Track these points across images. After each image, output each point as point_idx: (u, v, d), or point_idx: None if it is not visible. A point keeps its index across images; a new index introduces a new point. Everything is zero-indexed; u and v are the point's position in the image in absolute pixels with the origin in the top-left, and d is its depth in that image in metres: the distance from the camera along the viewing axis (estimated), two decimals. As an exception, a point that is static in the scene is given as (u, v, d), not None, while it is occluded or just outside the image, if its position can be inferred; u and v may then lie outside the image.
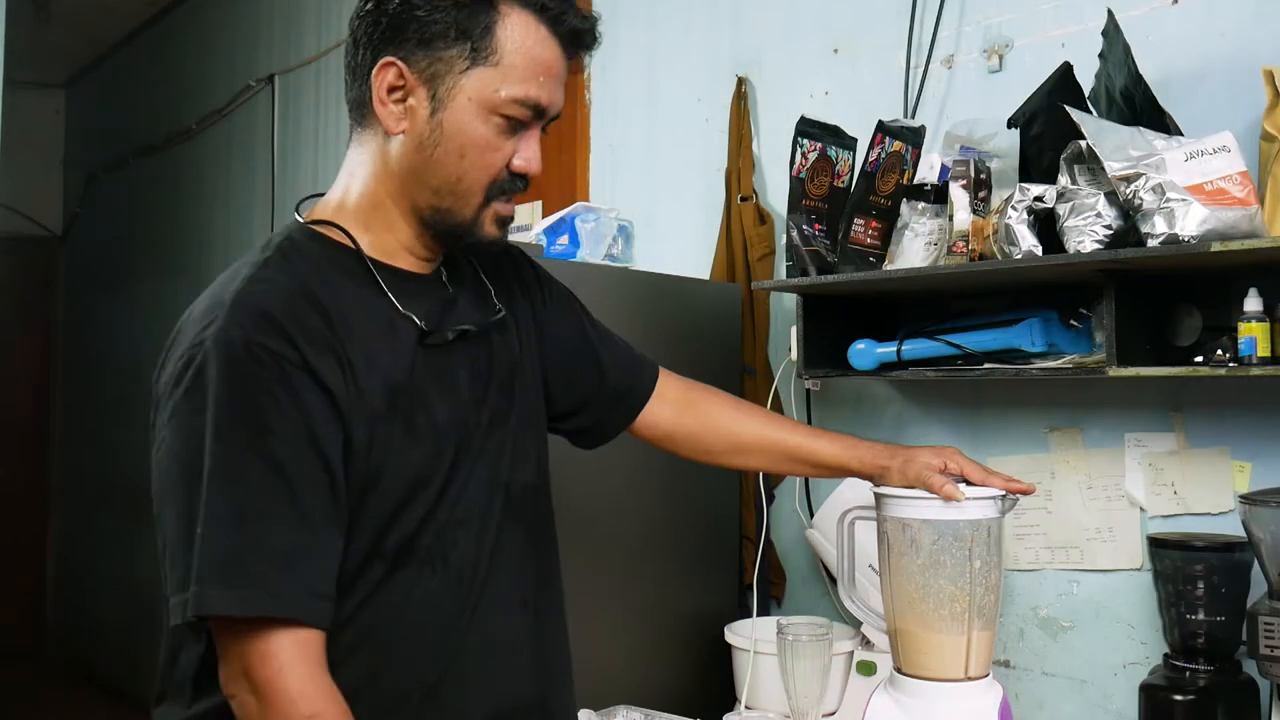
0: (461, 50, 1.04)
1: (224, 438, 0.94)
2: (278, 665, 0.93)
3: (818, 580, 2.11)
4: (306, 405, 0.97)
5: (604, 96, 2.69)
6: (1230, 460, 1.58)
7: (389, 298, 1.08)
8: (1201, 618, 1.45)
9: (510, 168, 1.08)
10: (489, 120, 1.06)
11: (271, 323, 0.98)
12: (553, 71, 1.08)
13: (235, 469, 0.94)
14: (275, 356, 0.96)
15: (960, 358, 1.72)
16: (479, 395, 1.14)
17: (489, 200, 1.09)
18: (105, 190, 5.74)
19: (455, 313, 1.15)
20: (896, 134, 1.75)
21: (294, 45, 4.04)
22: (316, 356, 0.99)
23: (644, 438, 1.42)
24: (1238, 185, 1.35)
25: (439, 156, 1.07)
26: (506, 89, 1.05)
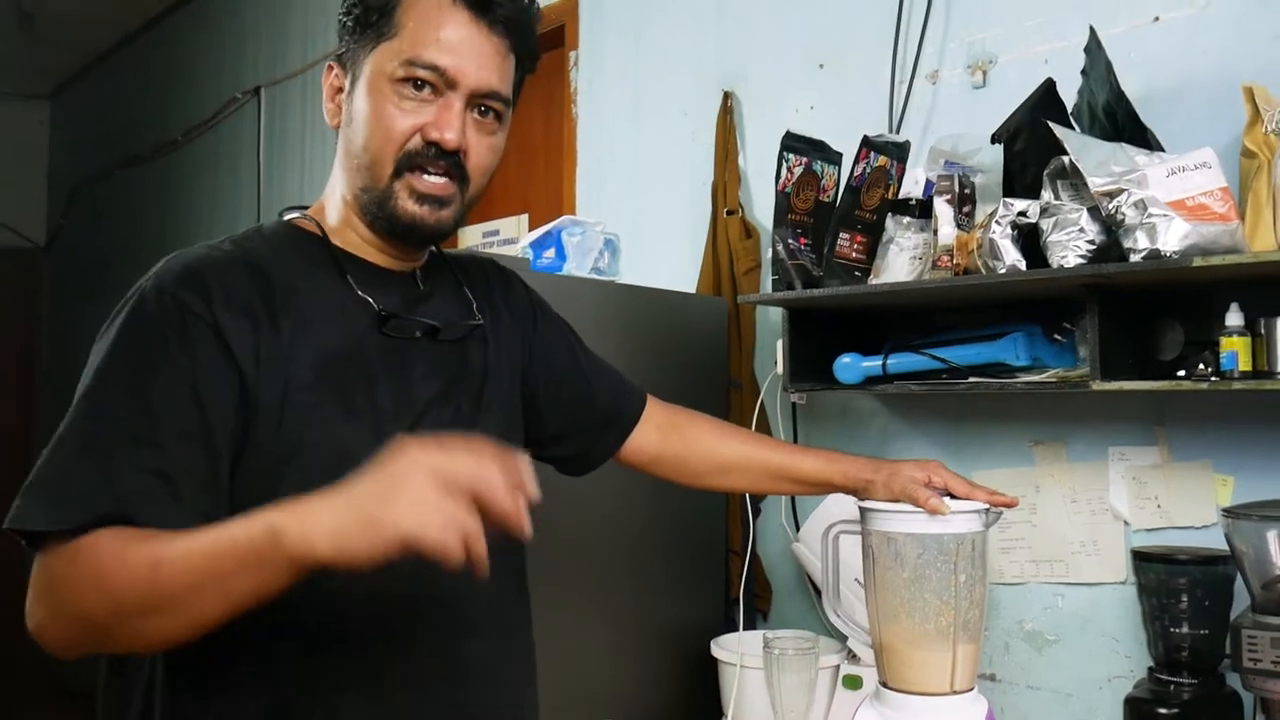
0: (369, 34, 1.08)
1: (104, 372, 0.96)
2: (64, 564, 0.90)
3: (804, 594, 2.11)
4: (198, 357, 0.97)
5: (590, 110, 2.69)
6: (1213, 474, 1.58)
7: (347, 281, 1.09)
8: (1185, 631, 1.45)
9: (423, 136, 1.07)
10: (393, 89, 1.06)
11: (190, 279, 1.00)
12: (456, 38, 1.07)
13: (103, 401, 0.95)
14: (181, 306, 0.98)
15: (945, 372, 1.73)
16: (440, 393, 1.13)
17: (400, 171, 1.08)
18: (90, 202, 5.72)
19: (422, 310, 1.15)
20: (881, 149, 1.76)
21: (280, 57, 4.04)
22: (228, 316, 0.99)
23: (630, 463, 1.42)
24: (1219, 201, 1.36)
25: (353, 134, 1.09)
26: (403, 53, 1.06)
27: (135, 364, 0.96)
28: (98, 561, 0.88)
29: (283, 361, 1.01)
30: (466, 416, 1.15)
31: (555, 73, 2.85)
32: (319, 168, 3.72)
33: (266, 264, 1.05)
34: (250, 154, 4.15)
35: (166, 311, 0.98)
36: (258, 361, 1.00)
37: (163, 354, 0.96)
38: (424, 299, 1.16)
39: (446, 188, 1.09)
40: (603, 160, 2.65)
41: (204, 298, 0.99)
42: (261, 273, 1.04)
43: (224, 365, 0.98)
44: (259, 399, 0.99)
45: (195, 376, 0.96)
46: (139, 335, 0.98)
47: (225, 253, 1.06)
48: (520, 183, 2.95)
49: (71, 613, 0.91)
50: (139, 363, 0.96)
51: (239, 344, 0.99)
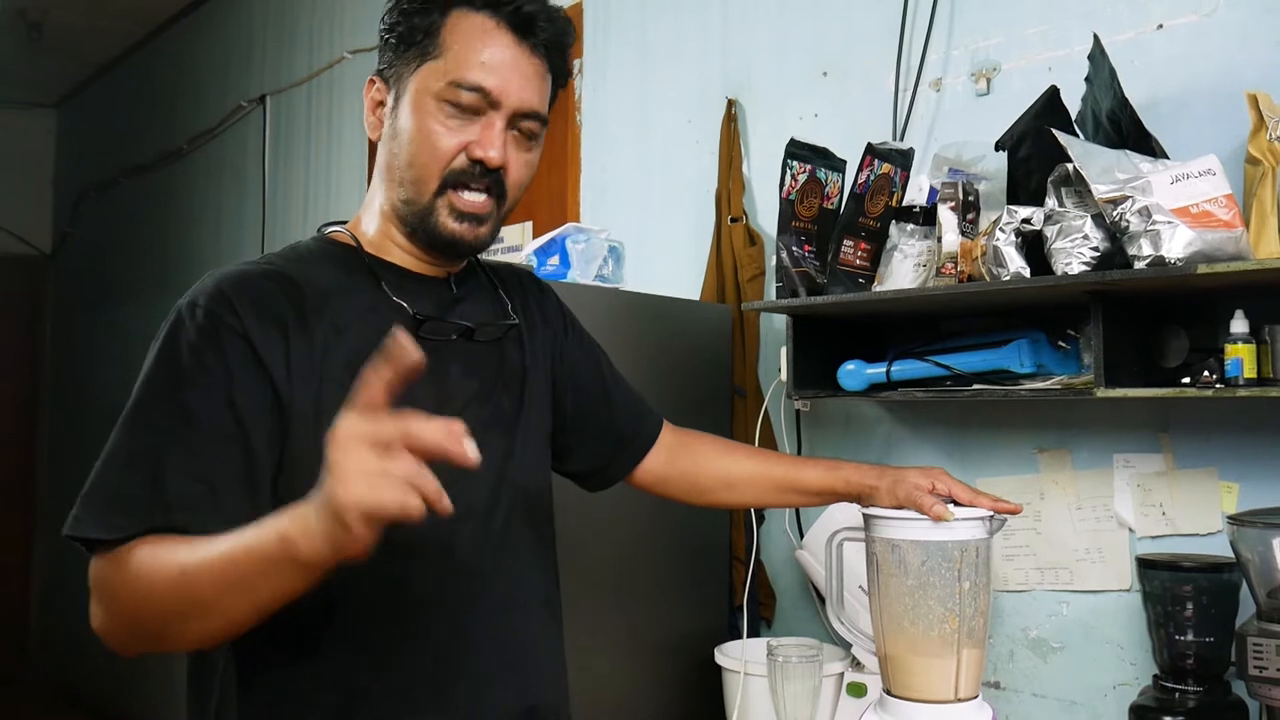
0: (415, 52, 1.11)
1: (146, 387, 1.01)
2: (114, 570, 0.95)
3: (808, 601, 2.11)
4: (233, 369, 1.01)
5: (595, 118, 2.70)
6: (1218, 481, 1.58)
7: (381, 287, 1.12)
8: (1190, 639, 1.45)
9: (468, 154, 1.10)
10: (438, 107, 1.09)
11: (222, 295, 1.04)
12: (499, 58, 1.10)
13: (147, 413, 1.00)
14: (215, 321, 1.02)
15: (949, 379, 1.73)
16: (479, 392, 1.16)
17: (444, 188, 1.11)
18: (96, 210, 5.74)
19: (457, 312, 1.18)
20: (885, 156, 1.76)
21: (286, 66, 4.05)
22: (258, 327, 1.03)
23: (640, 484, 1.45)
24: (1223, 208, 1.36)
25: (398, 149, 1.12)
26: (448, 74, 1.09)
27: (175, 378, 1.01)
28: (140, 569, 0.93)
29: (315, 367, 1.05)
30: (508, 415, 1.18)
31: (560, 81, 2.85)
32: (324, 175, 3.73)
33: (299, 275, 1.09)
34: (256, 162, 4.16)
35: (200, 327, 1.02)
36: (289, 369, 1.03)
37: (199, 366, 1.01)
38: (458, 301, 1.19)
39: (486, 205, 1.13)
40: (607, 167, 2.66)
41: (235, 311, 1.03)
42: (294, 284, 1.08)
43: (256, 373, 1.02)
44: (293, 405, 1.03)
45: (231, 385, 1.01)
46: (177, 350, 1.02)
47: (259, 268, 1.09)
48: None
49: (125, 616, 0.96)
50: (179, 377, 1.01)
51: (268, 353, 1.03)
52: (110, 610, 0.96)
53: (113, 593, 0.95)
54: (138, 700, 4.73)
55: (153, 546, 0.94)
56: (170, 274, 4.83)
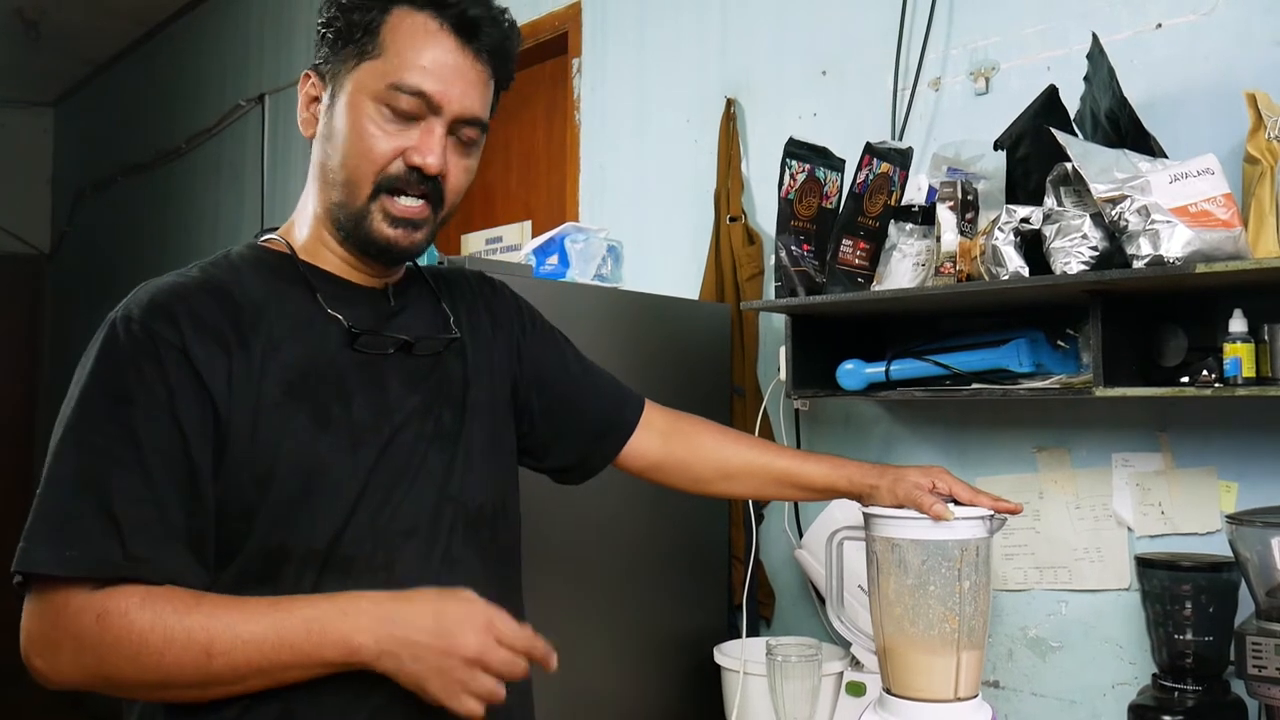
0: (352, 49, 1.08)
1: (84, 405, 0.98)
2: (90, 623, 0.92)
3: (807, 600, 2.11)
4: (173, 385, 0.99)
5: (594, 117, 2.70)
6: (1217, 480, 1.58)
7: (316, 299, 1.10)
8: (1189, 638, 1.45)
9: (405, 160, 1.08)
10: (375, 109, 1.07)
11: (158, 309, 1.02)
12: (441, 63, 1.07)
13: (88, 433, 0.97)
14: (152, 336, 1.00)
15: (948, 378, 1.73)
16: (419, 408, 1.13)
17: (377, 192, 1.08)
18: (93, 209, 5.74)
19: (394, 325, 1.15)
20: (884, 155, 1.76)
21: (284, 64, 4.05)
22: (198, 343, 1.01)
23: (632, 470, 1.41)
24: (1222, 207, 1.36)
25: (332, 149, 1.10)
26: (388, 75, 1.06)
27: (113, 396, 0.98)
28: (135, 633, 0.92)
29: (254, 382, 1.03)
30: (449, 429, 1.15)
31: (558, 80, 2.85)
32: (322, 175, 3.73)
33: (233, 288, 1.07)
34: (254, 161, 4.16)
35: (137, 341, 1.00)
36: (230, 385, 1.01)
37: (138, 383, 0.98)
38: (395, 314, 1.17)
39: (422, 210, 1.10)
40: (606, 167, 2.66)
41: (173, 325, 1.01)
42: (229, 297, 1.06)
43: (195, 390, 1.00)
44: (231, 421, 1.01)
45: (172, 402, 0.99)
46: (113, 367, 0.99)
47: (192, 279, 1.07)
48: (523, 190, 2.95)
49: (100, 673, 0.94)
50: (116, 394, 0.98)
51: (209, 370, 1.01)
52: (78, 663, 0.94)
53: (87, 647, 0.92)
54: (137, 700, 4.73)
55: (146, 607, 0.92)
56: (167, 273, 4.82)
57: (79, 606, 0.93)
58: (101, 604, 0.92)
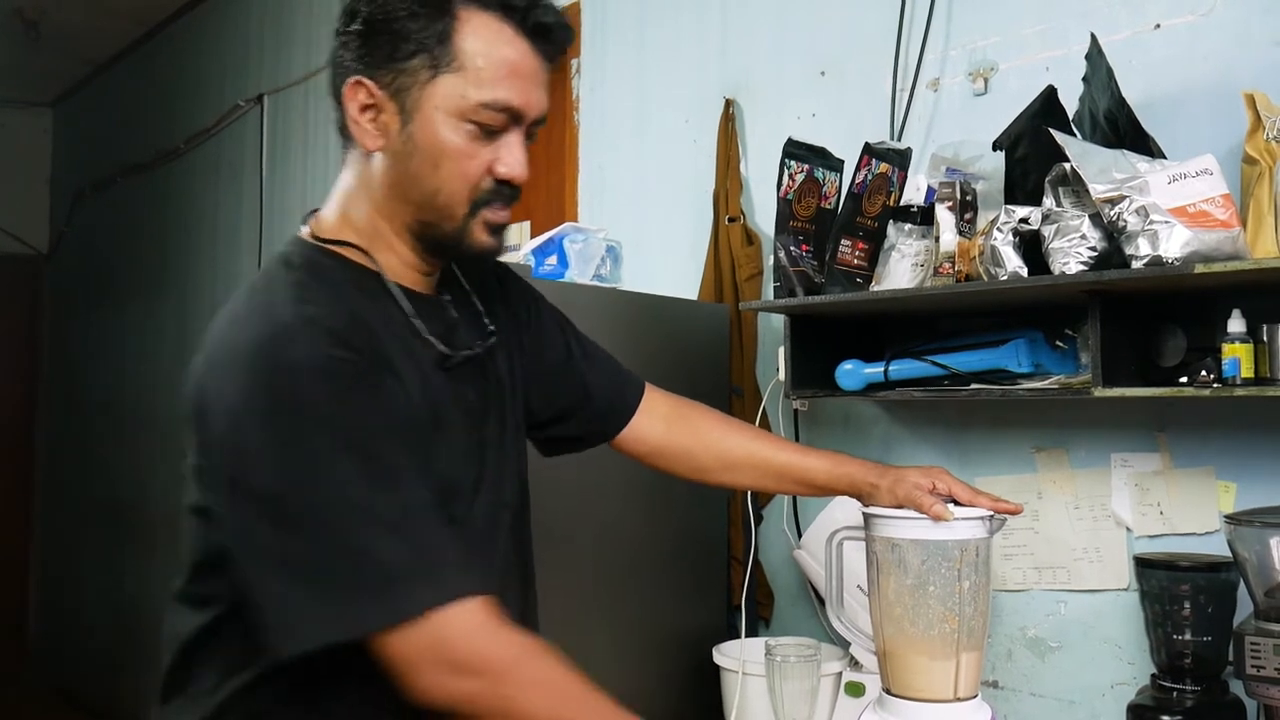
0: (423, 60, 1.03)
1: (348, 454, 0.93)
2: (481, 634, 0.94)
3: (806, 601, 2.11)
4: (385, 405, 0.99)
5: (593, 117, 2.70)
6: (1215, 480, 1.58)
7: (412, 322, 1.08)
8: (1188, 638, 1.45)
9: (493, 174, 1.06)
10: (460, 128, 1.04)
11: (339, 338, 0.98)
12: (522, 71, 1.05)
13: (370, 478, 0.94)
14: (344, 363, 0.96)
15: (947, 378, 1.73)
16: (480, 415, 1.15)
17: (475, 210, 1.07)
18: (92, 209, 5.73)
19: (461, 335, 1.15)
20: (883, 156, 1.76)
21: (283, 65, 4.05)
22: (381, 367, 1.01)
23: (633, 453, 1.41)
24: (1220, 208, 1.36)
25: (414, 170, 1.05)
26: (473, 94, 1.02)
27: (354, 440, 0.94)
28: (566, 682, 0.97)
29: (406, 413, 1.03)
30: (494, 436, 1.17)
31: (557, 80, 2.85)
32: (321, 175, 3.72)
33: (358, 312, 1.03)
34: (253, 161, 4.16)
35: (335, 381, 0.95)
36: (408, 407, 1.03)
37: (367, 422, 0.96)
38: (458, 322, 1.17)
39: (509, 215, 1.11)
40: (605, 167, 2.66)
41: (359, 353, 0.98)
42: (366, 326, 1.03)
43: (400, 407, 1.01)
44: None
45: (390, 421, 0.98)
46: (331, 411, 0.94)
47: (333, 305, 1.01)
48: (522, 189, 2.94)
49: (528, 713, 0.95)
50: (355, 438, 0.94)
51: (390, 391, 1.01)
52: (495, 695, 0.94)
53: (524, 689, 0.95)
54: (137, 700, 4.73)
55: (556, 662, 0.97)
56: (167, 274, 4.82)
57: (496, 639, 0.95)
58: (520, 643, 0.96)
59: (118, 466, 5.17)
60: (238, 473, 0.94)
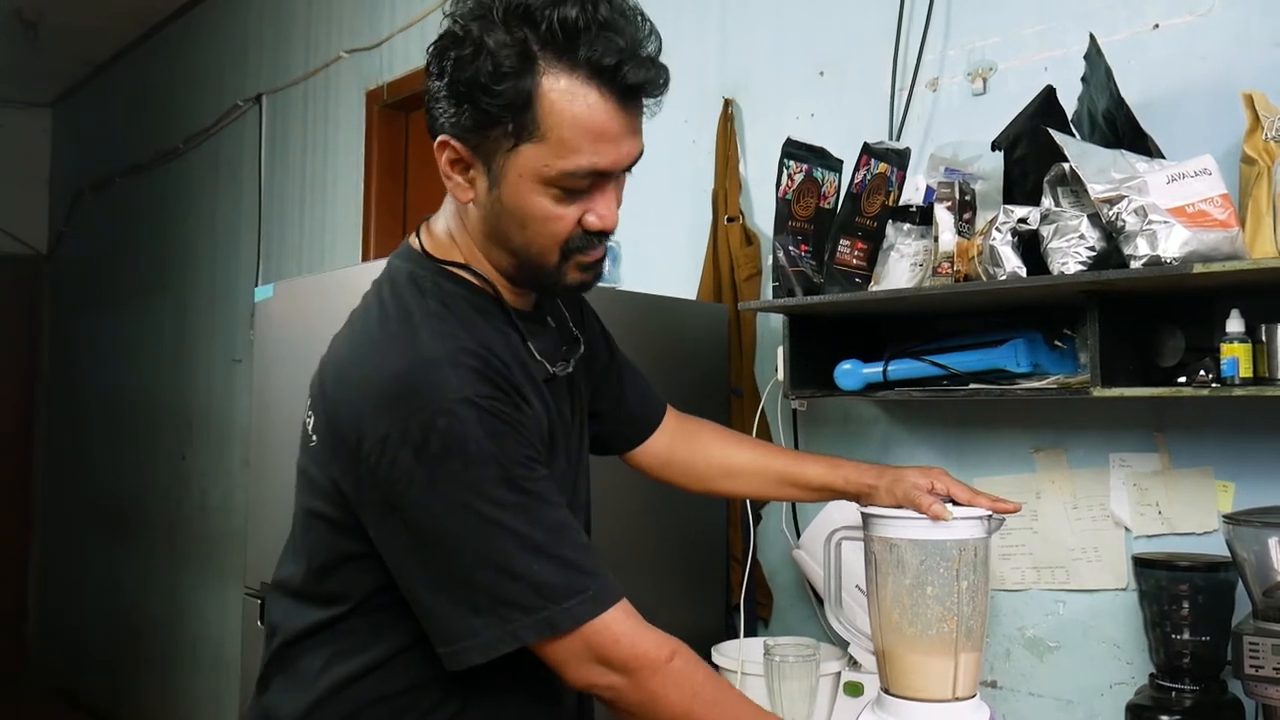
0: (505, 129, 1.01)
1: (500, 486, 0.99)
2: (626, 636, 1.03)
3: (805, 601, 2.11)
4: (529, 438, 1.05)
5: (591, 117, 2.70)
6: (1214, 480, 1.58)
7: (526, 344, 1.13)
8: (1187, 638, 1.45)
9: (584, 227, 1.07)
10: (545, 193, 1.04)
11: (484, 375, 1.03)
12: (610, 134, 1.03)
13: (520, 507, 1.00)
14: (491, 408, 1.01)
15: (946, 378, 1.73)
16: (579, 430, 1.22)
17: (567, 257, 1.09)
18: (91, 209, 5.73)
19: (560, 351, 1.21)
20: (882, 156, 1.76)
21: (282, 65, 4.05)
22: (518, 398, 1.06)
23: (640, 466, 1.47)
24: (1219, 208, 1.36)
25: (504, 227, 1.08)
26: (557, 163, 1.02)
27: (504, 472, 1.00)
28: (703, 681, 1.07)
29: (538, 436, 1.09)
30: (579, 444, 1.24)
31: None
32: (320, 175, 3.72)
33: (490, 345, 1.07)
34: (252, 161, 4.16)
35: (484, 417, 1.00)
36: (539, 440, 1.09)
37: (513, 454, 1.01)
38: (556, 338, 1.22)
39: (603, 251, 1.12)
40: (604, 167, 2.65)
41: (495, 391, 1.03)
42: (499, 359, 1.06)
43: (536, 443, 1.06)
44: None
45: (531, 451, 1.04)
46: (484, 447, 0.99)
47: (462, 343, 1.05)
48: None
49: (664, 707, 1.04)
50: (505, 470, 1.00)
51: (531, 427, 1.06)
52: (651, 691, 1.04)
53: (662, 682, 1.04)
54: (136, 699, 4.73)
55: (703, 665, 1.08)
56: (166, 274, 4.82)
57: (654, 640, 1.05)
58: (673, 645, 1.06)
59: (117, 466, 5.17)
60: (394, 500, 1.01)
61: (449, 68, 1.02)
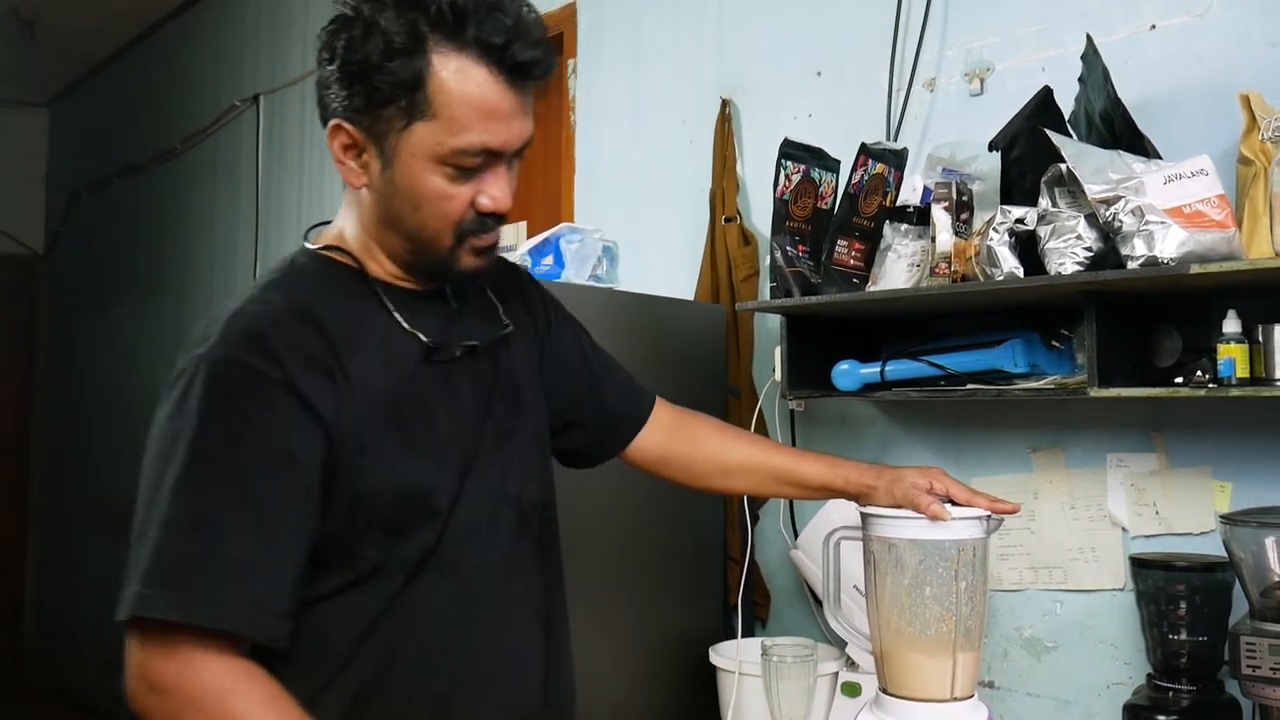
0: (397, 108, 1.02)
1: (194, 447, 0.97)
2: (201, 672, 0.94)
3: (803, 601, 2.11)
4: (281, 419, 0.99)
5: (589, 118, 2.70)
6: (1211, 480, 1.58)
7: (393, 315, 1.10)
8: (1184, 638, 1.45)
9: (477, 208, 1.07)
10: (438, 171, 1.04)
11: (257, 342, 1.00)
12: (500, 112, 1.04)
13: (200, 477, 0.97)
14: (254, 373, 0.99)
15: (943, 378, 1.73)
16: (483, 409, 1.16)
17: (460, 241, 1.09)
18: (88, 209, 5.72)
19: (461, 328, 1.16)
20: (879, 156, 1.76)
21: (279, 65, 4.05)
22: (302, 374, 1.01)
23: (635, 463, 1.44)
24: (1216, 208, 1.37)
25: (398, 209, 1.08)
26: (449, 140, 1.03)
27: (225, 438, 0.98)
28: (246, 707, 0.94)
29: (356, 409, 1.04)
30: (505, 426, 1.18)
31: (553, 80, 2.85)
32: (317, 175, 3.72)
33: (321, 312, 1.06)
34: (249, 161, 4.16)
35: (239, 380, 0.99)
36: (339, 413, 1.02)
37: (247, 424, 0.98)
38: (459, 315, 1.18)
39: (498, 235, 1.12)
40: (601, 167, 2.66)
41: (274, 359, 1.00)
42: (318, 322, 1.05)
43: (308, 423, 1.01)
44: (340, 448, 1.02)
45: (285, 441, 0.99)
46: (220, 408, 0.98)
47: (278, 304, 1.05)
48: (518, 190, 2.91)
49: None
50: (227, 436, 0.98)
51: (319, 400, 1.01)
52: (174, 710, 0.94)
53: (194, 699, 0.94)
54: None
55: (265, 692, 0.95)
56: (163, 274, 4.81)
57: (213, 670, 0.94)
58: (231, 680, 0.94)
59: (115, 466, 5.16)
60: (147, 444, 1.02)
61: (340, 50, 1.03)
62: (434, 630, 1.08)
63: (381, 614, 1.05)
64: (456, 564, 1.10)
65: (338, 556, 1.04)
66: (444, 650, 1.09)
